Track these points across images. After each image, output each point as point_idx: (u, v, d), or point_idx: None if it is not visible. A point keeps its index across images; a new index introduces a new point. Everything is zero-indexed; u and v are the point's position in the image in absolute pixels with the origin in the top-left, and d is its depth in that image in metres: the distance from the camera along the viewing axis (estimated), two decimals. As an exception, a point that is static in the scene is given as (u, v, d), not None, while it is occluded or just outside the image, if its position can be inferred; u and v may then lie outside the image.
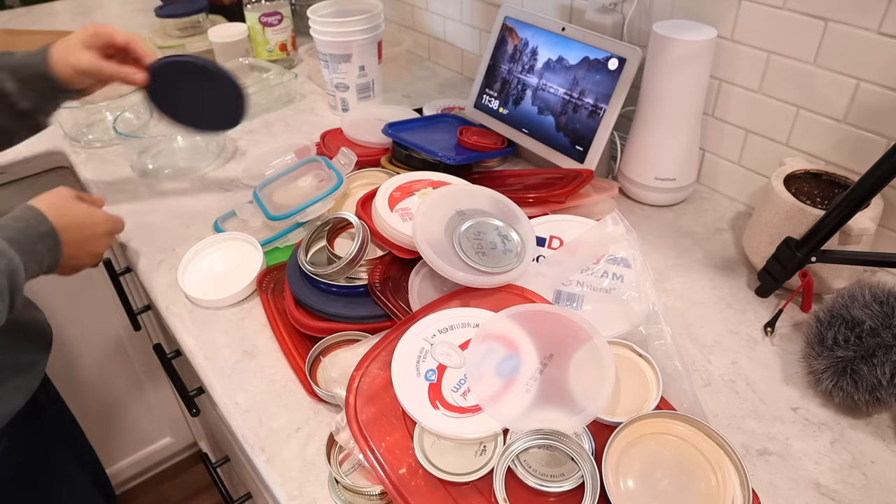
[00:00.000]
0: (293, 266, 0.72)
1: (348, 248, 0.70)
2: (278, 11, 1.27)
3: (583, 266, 0.69)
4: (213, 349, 0.71)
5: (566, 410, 0.54)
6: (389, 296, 0.68)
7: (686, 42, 0.78)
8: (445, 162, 0.87)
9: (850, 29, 0.71)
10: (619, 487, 0.50)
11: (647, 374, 0.60)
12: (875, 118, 0.73)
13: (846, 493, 0.55)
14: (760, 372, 0.66)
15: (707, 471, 0.51)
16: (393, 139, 0.92)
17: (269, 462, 0.59)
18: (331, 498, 0.55)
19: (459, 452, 0.53)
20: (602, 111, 0.85)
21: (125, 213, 0.92)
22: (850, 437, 0.60)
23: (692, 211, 0.90)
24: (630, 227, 0.70)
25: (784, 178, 0.74)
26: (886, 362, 0.57)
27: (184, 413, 1.57)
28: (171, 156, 1.04)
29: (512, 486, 0.51)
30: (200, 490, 1.64)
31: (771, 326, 0.70)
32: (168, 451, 1.66)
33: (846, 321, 0.60)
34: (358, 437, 0.53)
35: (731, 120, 0.87)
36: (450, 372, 0.57)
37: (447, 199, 0.72)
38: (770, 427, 0.60)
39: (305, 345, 0.68)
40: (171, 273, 0.81)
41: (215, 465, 1.05)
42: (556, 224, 0.75)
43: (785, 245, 0.70)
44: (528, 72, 0.93)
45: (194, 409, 0.81)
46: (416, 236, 0.66)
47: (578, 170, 0.85)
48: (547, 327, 0.60)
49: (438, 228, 0.68)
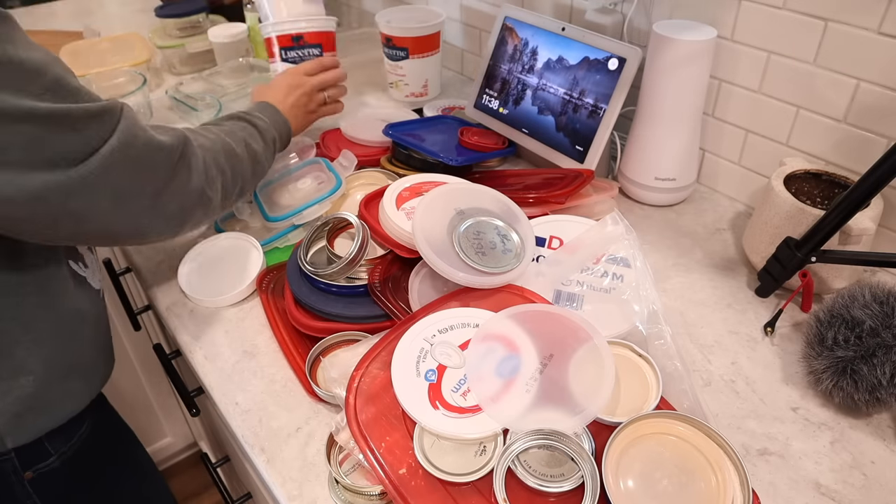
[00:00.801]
0: (293, 266, 0.72)
1: (348, 248, 0.70)
2: (278, 11, 1.27)
3: (582, 266, 0.69)
4: (213, 349, 0.71)
5: (566, 410, 0.54)
6: (389, 296, 0.68)
7: (686, 42, 0.78)
8: (447, 163, 0.87)
9: (850, 29, 0.71)
10: (619, 487, 0.50)
11: (647, 374, 0.60)
12: (875, 118, 0.73)
13: (846, 493, 0.55)
14: (760, 372, 0.66)
15: (707, 471, 0.51)
16: (393, 140, 0.92)
17: (269, 462, 0.59)
18: (331, 498, 0.56)
19: (459, 453, 0.53)
20: (602, 111, 0.85)
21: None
22: (850, 437, 0.60)
23: (692, 211, 0.90)
24: (630, 227, 0.70)
25: (784, 178, 0.74)
26: (886, 362, 0.57)
27: (184, 413, 1.57)
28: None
29: (512, 487, 0.51)
30: (200, 490, 1.64)
31: (771, 326, 0.70)
32: (168, 451, 1.66)
33: (846, 321, 0.60)
34: (358, 437, 0.53)
35: (731, 120, 0.87)
36: (450, 372, 0.57)
37: (447, 198, 0.72)
38: (770, 427, 0.60)
39: (305, 345, 0.68)
40: (171, 273, 0.81)
41: (215, 465, 1.05)
42: (556, 224, 0.75)
43: (785, 245, 0.70)
44: (528, 72, 0.93)
45: (194, 409, 0.81)
46: (415, 235, 0.66)
47: (578, 170, 0.85)
48: (547, 327, 0.60)
49: (438, 228, 0.68)
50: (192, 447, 1.69)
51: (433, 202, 0.71)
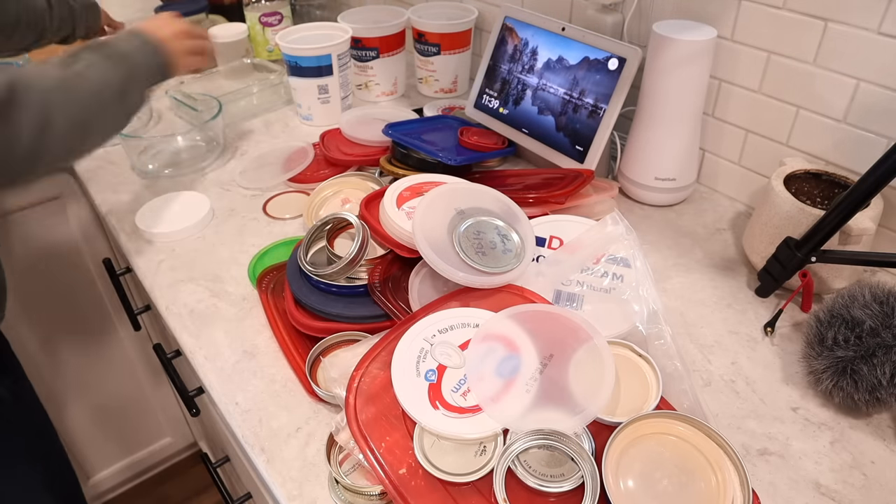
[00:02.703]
0: (293, 266, 0.72)
1: (348, 248, 0.70)
2: (278, 11, 1.28)
3: (582, 266, 0.69)
4: (213, 349, 0.71)
5: (566, 410, 0.54)
6: (389, 296, 0.68)
7: (686, 42, 0.78)
8: (446, 162, 0.87)
9: (850, 29, 0.71)
10: (619, 487, 0.50)
11: (647, 374, 0.60)
12: (875, 118, 0.73)
13: (846, 493, 0.55)
14: (760, 372, 0.66)
15: (707, 471, 0.51)
16: (393, 139, 0.92)
17: (269, 462, 0.59)
18: (331, 498, 0.56)
19: (459, 453, 0.53)
20: (602, 111, 0.85)
21: (125, 212, 0.92)
22: (850, 437, 0.60)
23: (692, 211, 0.90)
24: (630, 227, 0.70)
25: (784, 178, 0.74)
26: (886, 362, 0.57)
27: (184, 413, 1.57)
28: (171, 156, 1.04)
29: (512, 487, 0.51)
30: (200, 490, 1.64)
31: (771, 326, 0.70)
32: (168, 451, 1.66)
33: (846, 321, 0.60)
34: (358, 437, 0.53)
35: (731, 120, 0.87)
36: (450, 372, 0.57)
37: (447, 198, 0.72)
38: (770, 427, 0.60)
39: (305, 345, 0.68)
40: (171, 273, 0.81)
41: (215, 465, 1.05)
42: (557, 224, 0.75)
43: (785, 245, 0.70)
44: (528, 72, 0.93)
45: (194, 409, 0.82)
46: (415, 235, 0.66)
47: (579, 170, 0.85)
48: (547, 327, 0.60)
49: (439, 227, 0.68)
50: (192, 447, 1.69)
51: (433, 202, 0.71)
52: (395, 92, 1.22)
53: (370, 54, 1.14)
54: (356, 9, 1.21)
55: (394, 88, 1.21)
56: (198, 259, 0.83)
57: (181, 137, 1.05)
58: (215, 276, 0.80)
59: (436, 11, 1.17)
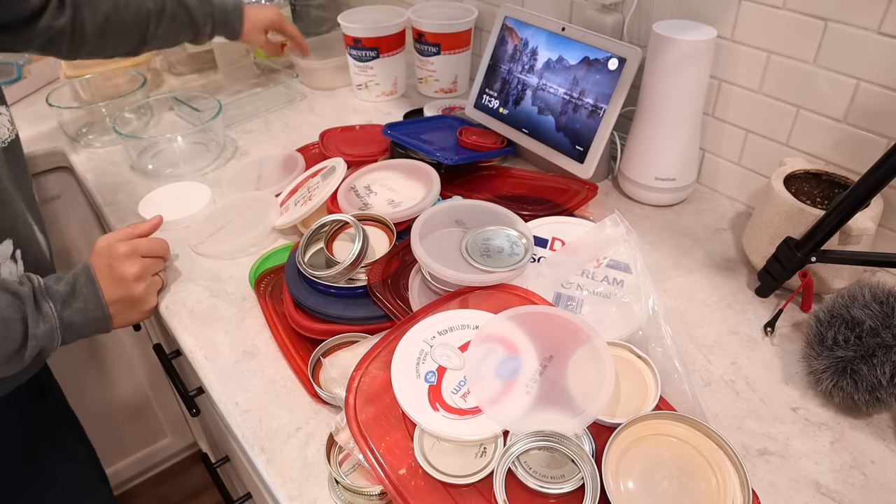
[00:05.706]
0: (291, 269, 0.72)
1: (346, 251, 0.69)
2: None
3: (583, 267, 0.69)
4: (213, 349, 0.71)
5: (566, 412, 0.54)
6: (389, 296, 0.68)
7: (686, 42, 0.78)
8: (444, 162, 0.87)
9: (850, 29, 0.71)
10: (619, 489, 0.50)
11: (646, 375, 0.60)
12: (875, 118, 0.73)
13: (846, 493, 0.55)
14: (760, 372, 0.66)
15: (707, 471, 0.51)
16: (392, 139, 0.92)
17: (269, 462, 0.59)
18: (331, 498, 0.56)
19: (460, 454, 0.53)
20: (602, 111, 0.84)
21: (125, 212, 0.92)
22: (850, 437, 0.60)
23: (692, 211, 0.90)
24: (630, 228, 0.70)
25: (784, 178, 0.74)
26: (886, 362, 0.57)
27: (184, 413, 1.57)
28: (172, 156, 1.04)
29: (512, 488, 0.51)
30: (200, 490, 1.64)
31: (771, 326, 0.70)
32: (168, 451, 1.66)
33: (846, 321, 0.60)
34: (358, 437, 0.53)
35: (731, 120, 0.87)
36: (450, 373, 0.57)
37: (446, 211, 0.73)
38: (770, 427, 0.60)
39: (305, 346, 0.68)
40: (171, 273, 0.81)
41: (215, 465, 1.05)
42: (558, 225, 0.75)
43: (785, 245, 0.70)
44: (528, 72, 0.93)
45: (194, 409, 0.82)
46: (413, 236, 0.66)
47: (580, 183, 0.85)
48: (547, 329, 0.60)
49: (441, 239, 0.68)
50: (192, 447, 1.70)
51: (432, 215, 0.71)
52: (395, 92, 1.22)
53: (370, 54, 1.14)
54: (356, 9, 1.21)
55: (394, 88, 1.21)
56: (198, 259, 0.83)
57: (181, 137, 1.05)
58: (215, 276, 0.80)
59: (436, 11, 1.17)
